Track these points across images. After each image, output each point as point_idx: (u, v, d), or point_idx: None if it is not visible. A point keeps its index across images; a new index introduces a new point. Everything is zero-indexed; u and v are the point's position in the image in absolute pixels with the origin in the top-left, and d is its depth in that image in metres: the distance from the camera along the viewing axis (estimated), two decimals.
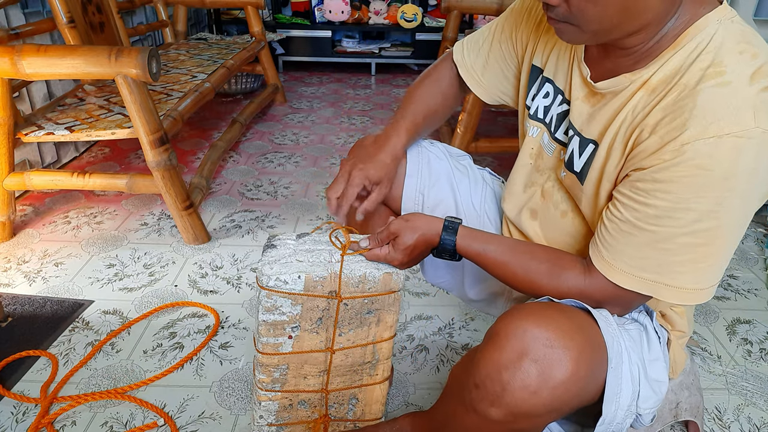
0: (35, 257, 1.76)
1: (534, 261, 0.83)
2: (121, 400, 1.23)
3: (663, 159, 0.67)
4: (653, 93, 0.71)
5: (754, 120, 0.63)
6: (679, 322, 0.92)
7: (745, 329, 1.52)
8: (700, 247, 0.69)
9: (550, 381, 0.69)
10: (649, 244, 0.71)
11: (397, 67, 4.32)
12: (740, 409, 1.26)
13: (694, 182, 0.66)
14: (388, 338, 0.99)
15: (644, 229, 0.71)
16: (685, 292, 0.72)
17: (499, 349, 0.72)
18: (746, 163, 0.64)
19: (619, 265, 0.74)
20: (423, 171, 1.06)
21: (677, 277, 0.71)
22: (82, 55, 1.55)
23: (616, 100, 0.76)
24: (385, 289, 0.92)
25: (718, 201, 0.66)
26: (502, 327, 0.73)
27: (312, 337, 0.95)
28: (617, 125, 0.75)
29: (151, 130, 1.66)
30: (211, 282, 1.66)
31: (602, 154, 0.78)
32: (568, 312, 0.76)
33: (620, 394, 0.76)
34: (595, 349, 0.74)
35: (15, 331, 1.43)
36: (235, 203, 2.16)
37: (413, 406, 1.23)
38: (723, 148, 0.64)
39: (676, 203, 0.67)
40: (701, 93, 0.66)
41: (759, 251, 1.90)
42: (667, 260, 0.71)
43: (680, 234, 0.69)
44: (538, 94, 0.92)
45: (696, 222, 0.67)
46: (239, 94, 3.46)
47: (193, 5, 3.08)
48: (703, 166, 0.65)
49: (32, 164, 2.18)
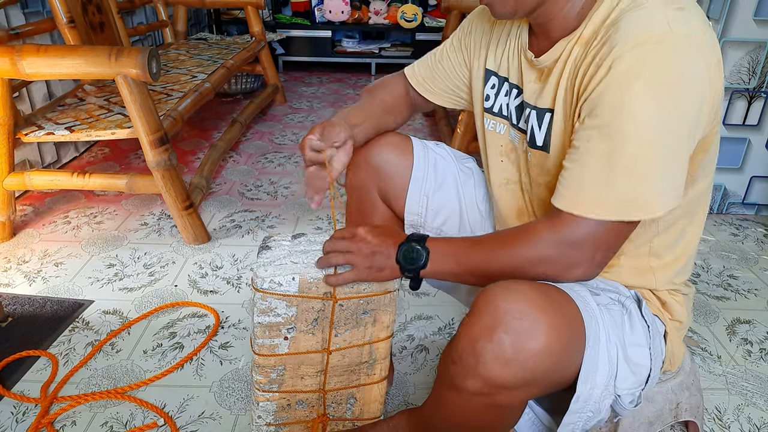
0: (35, 257, 1.76)
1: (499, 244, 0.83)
2: (121, 400, 1.23)
3: (599, 79, 0.73)
4: (587, 44, 0.78)
5: (669, 27, 0.70)
6: (678, 311, 0.92)
7: (745, 329, 1.52)
8: (650, 154, 0.72)
9: (522, 352, 0.71)
10: (604, 163, 0.73)
11: (397, 67, 4.29)
12: (740, 409, 1.26)
13: (629, 91, 0.70)
14: (385, 338, 0.99)
15: (596, 149, 0.74)
16: (648, 205, 0.74)
17: (473, 324, 0.74)
18: (668, 65, 0.70)
19: (583, 196, 0.75)
20: (429, 173, 1.06)
21: (638, 188, 0.73)
22: (82, 55, 1.55)
23: (558, 64, 0.82)
24: (381, 290, 0.92)
25: (656, 105, 0.70)
26: (477, 303, 0.75)
27: (308, 338, 0.95)
28: (564, 84, 0.81)
29: (151, 130, 1.66)
30: (211, 282, 1.66)
31: (559, 116, 0.82)
32: (543, 288, 0.77)
33: (596, 372, 0.77)
34: (570, 325, 0.75)
35: (15, 331, 1.43)
36: (235, 203, 2.16)
37: (413, 405, 1.23)
38: (644, 54, 0.70)
39: (617, 115, 0.71)
40: (622, 19, 0.73)
41: (759, 251, 1.90)
42: (624, 176, 0.73)
43: (629, 146, 0.71)
44: (498, 93, 0.96)
45: (639, 130, 0.71)
46: (239, 94, 3.46)
47: (193, 5, 3.09)
48: (632, 73, 0.70)
49: (32, 164, 2.18)
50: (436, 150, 1.09)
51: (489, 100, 0.98)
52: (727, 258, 1.85)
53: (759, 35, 1.85)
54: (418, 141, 1.09)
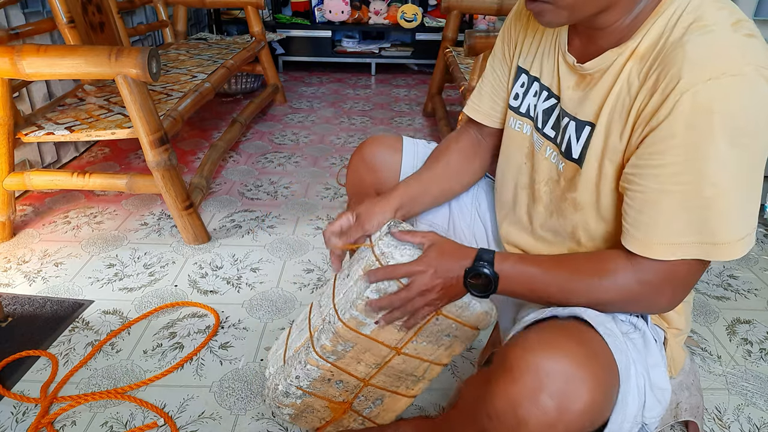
0: (35, 257, 1.76)
1: (575, 275, 0.80)
2: (121, 400, 1.23)
3: (666, 113, 0.68)
4: (643, 60, 0.73)
5: (744, 58, 0.65)
6: (676, 319, 0.92)
7: (745, 329, 1.52)
8: (726, 194, 0.68)
9: (567, 414, 0.68)
10: (678, 206, 0.70)
11: (397, 67, 4.32)
12: (740, 409, 1.26)
13: (701, 129, 0.66)
14: (444, 364, 0.99)
15: (668, 191, 0.70)
16: (728, 247, 0.71)
17: (512, 383, 0.70)
18: (746, 99, 0.65)
19: (656, 239, 0.72)
20: (417, 166, 1.08)
21: (715, 232, 0.70)
22: (82, 55, 1.55)
23: (607, 76, 0.77)
24: (474, 323, 0.92)
25: (730, 142, 0.66)
26: (513, 358, 0.71)
27: (392, 332, 0.93)
28: (613, 100, 0.76)
29: (151, 130, 1.66)
30: (211, 282, 1.66)
31: (601, 132, 0.78)
32: (579, 335, 0.74)
33: (627, 405, 0.75)
34: (608, 373, 0.73)
35: (15, 331, 1.43)
36: (235, 203, 2.16)
37: (413, 405, 1.24)
38: (721, 89, 0.65)
39: (690, 154, 0.67)
40: (688, 43, 0.68)
41: (759, 251, 1.90)
42: (700, 217, 0.70)
43: (703, 186, 0.68)
44: (526, 93, 0.93)
45: (715, 171, 0.67)
46: (239, 94, 3.46)
47: (193, 5, 3.08)
48: (705, 109, 0.65)
49: (32, 164, 2.18)
50: (426, 145, 1.12)
51: (517, 99, 0.95)
52: None
53: None
54: (409, 138, 1.12)
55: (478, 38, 1.97)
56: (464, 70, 2.50)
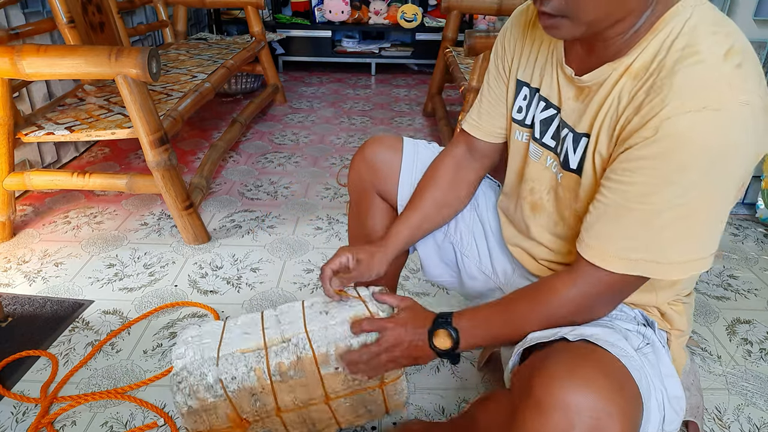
0: (35, 257, 1.76)
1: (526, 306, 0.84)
2: (121, 400, 1.23)
3: (645, 136, 0.69)
4: (636, 78, 0.74)
5: (730, 93, 0.66)
6: (678, 321, 0.92)
7: (745, 329, 1.52)
8: (685, 220, 0.70)
9: None
10: (637, 224, 0.72)
11: (397, 67, 4.32)
12: (740, 409, 1.26)
13: (676, 156, 0.67)
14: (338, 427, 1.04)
15: (631, 208, 0.72)
16: (675, 266, 0.73)
17: (542, 420, 0.69)
18: (725, 134, 0.66)
19: (609, 249, 0.75)
20: (417, 165, 1.11)
21: (666, 253, 0.72)
22: (82, 55, 1.55)
23: (602, 90, 0.78)
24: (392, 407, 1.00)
25: (701, 173, 0.67)
26: (543, 394, 0.70)
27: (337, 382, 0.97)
28: (604, 113, 0.77)
29: (151, 130, 1.66)
30: (211, 282, 1.66)
31: (593, 143, 0.79)
32: (601, 364, 0.73)
33: (649, 422, 0.76)
34: (634, 405, 0.72)
35: (15, 331, 1.43)
36: (235, 203, 2.16)
37: (413, 405, 1.24)
38: (701, 122, 0.66)
39: (660, 178, 0.69)
40: (678, 72, 0.69)
41: (759, 251, 1.90)
42: (655, 237, 0.72)
43: (666, 209, 0.70)
44: (530, 105, 0.93)
45: (680, 196, 0.69)
46: (239, 94, 3.46)
47: (193, 5, 3.09)
48: (684, 140, 0.66)
49: (32, 164, 2.18)
50: (426, 145, 1.14)
51: (521, 113, 0.95)
52: (727, 258, 1.85)
53: (759, 35, 1.85)
54: (409, 139, 1.14)
55: (478, 38, 1.97)
56: (464, 70, 2.50)
